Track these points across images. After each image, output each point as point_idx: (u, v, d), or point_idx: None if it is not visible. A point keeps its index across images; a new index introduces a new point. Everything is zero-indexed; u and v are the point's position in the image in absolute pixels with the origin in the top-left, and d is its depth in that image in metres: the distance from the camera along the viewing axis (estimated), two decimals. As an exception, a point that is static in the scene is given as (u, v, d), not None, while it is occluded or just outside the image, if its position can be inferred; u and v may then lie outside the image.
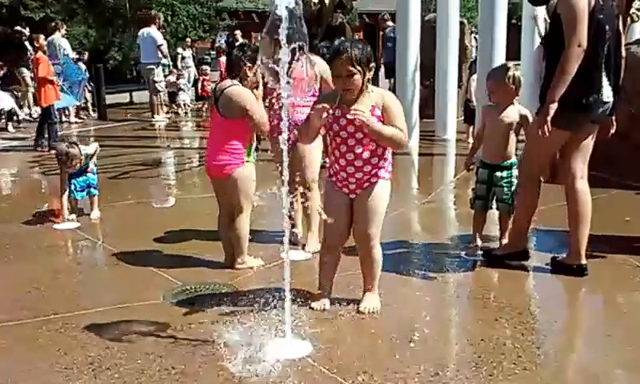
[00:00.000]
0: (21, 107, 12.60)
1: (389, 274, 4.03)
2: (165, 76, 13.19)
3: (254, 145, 4.23)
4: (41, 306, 3.67)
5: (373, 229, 3.41)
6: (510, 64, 4.49)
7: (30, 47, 12.92)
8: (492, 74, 4.45)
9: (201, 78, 15.15)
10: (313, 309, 3.50)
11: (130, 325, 3.40)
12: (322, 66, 4.18)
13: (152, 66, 12.49)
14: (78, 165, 5.43)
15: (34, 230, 5.34)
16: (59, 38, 12.59)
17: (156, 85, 12.65)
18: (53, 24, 13.27)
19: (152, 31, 12.46)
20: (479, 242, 4.49)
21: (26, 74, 12.68)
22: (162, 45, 12.42)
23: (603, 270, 4.12)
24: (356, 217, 3.42)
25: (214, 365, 2.95)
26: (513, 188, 4.31)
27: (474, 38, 12.60)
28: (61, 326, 3.41)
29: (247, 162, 4.10)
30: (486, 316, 3.50)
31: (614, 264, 4.25)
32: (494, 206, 4.46)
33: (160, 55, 12.46)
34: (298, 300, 3.46)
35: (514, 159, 4.34)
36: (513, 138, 4.30)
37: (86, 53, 15.10)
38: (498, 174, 4.33)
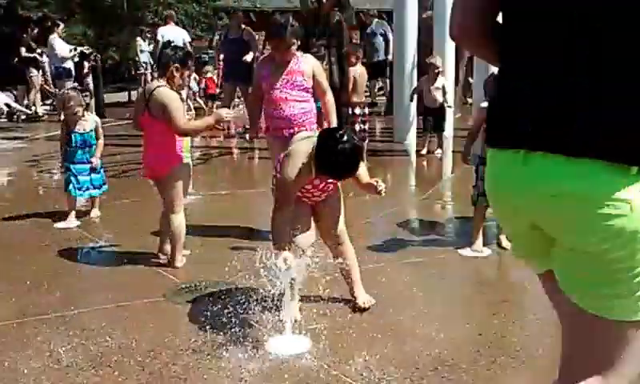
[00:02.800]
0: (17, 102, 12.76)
1: (387, 269, 4.08)
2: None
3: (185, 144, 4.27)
4: (41, 305, 3.68)
5: (341, 227, 3.48)
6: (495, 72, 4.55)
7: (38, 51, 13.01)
8: (487, 92, 4.52)
9: (202, 79, 14.51)
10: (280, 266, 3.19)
11: (130, 323, 3.42)
12: (314, 65, 4.30)
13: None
14: (79, 113, 5.32)
15: (33, 228, 5.34)
16: (54, 38, 12.56)
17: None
18: (49, 24, 13.25)
19: (174, 29, 11.92)
20: (480, 238, 4.52)
21: (34, 73, 12.80)
22: (189, 41, 11.94)
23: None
24: (322, 221, 3.46)
25: (215, 362, 2.97)
26: None
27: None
28: (61, 324, 3.42)
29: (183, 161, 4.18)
30: (484, 310, 3.54)
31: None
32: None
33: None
34: (298, 296, 3.45)
35: None
36: None
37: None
38: None
